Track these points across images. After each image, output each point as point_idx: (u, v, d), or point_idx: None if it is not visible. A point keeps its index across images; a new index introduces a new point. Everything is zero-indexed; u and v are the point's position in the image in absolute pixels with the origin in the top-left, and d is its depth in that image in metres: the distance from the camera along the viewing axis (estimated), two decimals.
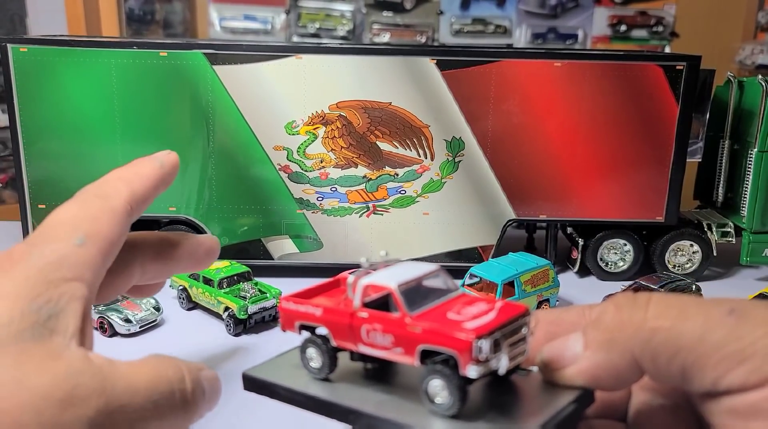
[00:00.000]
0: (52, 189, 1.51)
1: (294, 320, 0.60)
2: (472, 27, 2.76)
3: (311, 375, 0.57)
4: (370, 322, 0.54)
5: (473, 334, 0.48)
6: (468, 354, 0.48)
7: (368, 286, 0.56)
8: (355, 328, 0.55)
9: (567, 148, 1.53)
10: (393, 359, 0.53)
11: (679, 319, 0.46)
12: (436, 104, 1.49)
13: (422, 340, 0.51)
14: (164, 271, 0.68)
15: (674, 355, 0.45)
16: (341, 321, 0.56)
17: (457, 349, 0.48)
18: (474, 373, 0.47)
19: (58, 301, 0.48)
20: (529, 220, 1.61)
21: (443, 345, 0.49)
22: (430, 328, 0.51)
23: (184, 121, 1.49)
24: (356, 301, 0.55)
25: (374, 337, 0.54)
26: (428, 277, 0.56)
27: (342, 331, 0.56)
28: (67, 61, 1.45)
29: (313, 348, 0.57)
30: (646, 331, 0.46)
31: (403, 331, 0.52)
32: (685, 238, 1.59)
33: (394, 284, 0.54)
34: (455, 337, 0.49)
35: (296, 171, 1.52)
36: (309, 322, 0.59)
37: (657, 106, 1.51)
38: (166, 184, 0.66)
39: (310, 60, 1.47)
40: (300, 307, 0.60)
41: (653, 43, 2.60)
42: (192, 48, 1.46)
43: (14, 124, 1.48)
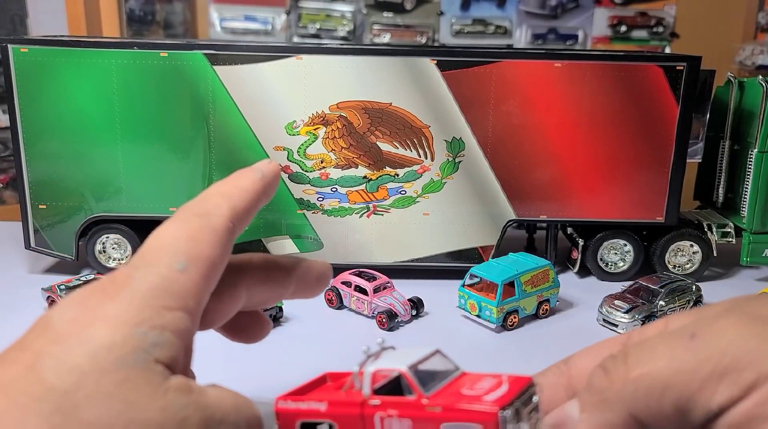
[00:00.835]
0: (53, 189, 1.52)
1: (294, 420, 0.57)
2: (472, 27, 2.76)
3: None
4: (384, 409, 0.52)
5: (496, 405, 0.48)
6: (494, 426, 0.48)
7: (377, 372, 0.54)
8: (367, 417, 0.53)
9: (567, 148, 1.53)
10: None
11: (652, 361, 0.47)
12: (437, 105, 1.49)
13: (444, 418, 0.50)
14: (272, 297, 0.64)
15: (662, 396, 0.46)
16: (351, 412, 0.54)
17: (482, 422, 0.48)
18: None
19: (162, 330, 0.47)
20: (530, 221, 1.61)
21: (467, 420, 0.49)
22: (451, 405, 0.50)
23: (184, 122, 1.49)
24: (365, 389, 0.54)
25: (390, 425, 0.52)
26: (430, 358, 0.56)
27: (352, 423, 0.54)
28: (67, 62, 1.45)
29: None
30: (630, 382, 0.48)
31: (422, 412, 0.51)
32: (685, 239, 1.59)
33: (404, 366, 0.53)
34: (479, 410, 0.48)
35: (297, 171, 1.52)
36: (313, 420, 0.56)
37: (657, 107, 1.51)
38: (268, 196, 0.62)
39: (311, 60, 1.47)
40: (301, 405, 0.57)
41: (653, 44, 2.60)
42: (192, 48, 1.46)
43: (15, 125, 1.48)
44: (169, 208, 1.53)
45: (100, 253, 1.56)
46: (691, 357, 0.46)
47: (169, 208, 1.53)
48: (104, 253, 1.57)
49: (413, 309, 1.33)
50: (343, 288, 1.37)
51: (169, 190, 1.52)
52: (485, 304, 1.27)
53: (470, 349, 1.21)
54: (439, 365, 0.56)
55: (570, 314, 1.40)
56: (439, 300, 1.38)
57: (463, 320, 1.33)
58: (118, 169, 1.51)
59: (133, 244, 1.55)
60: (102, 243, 1.56)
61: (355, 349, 1.20)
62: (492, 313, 1.26)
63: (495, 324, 1.27)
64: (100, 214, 1.53)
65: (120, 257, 1.57)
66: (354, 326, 1.31)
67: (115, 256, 1.57)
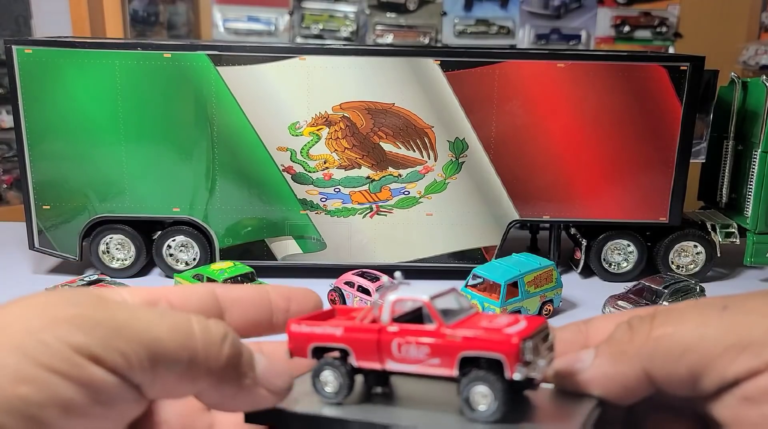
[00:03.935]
0: (57, 190, 1.52)
1: (307, 343, 0.57)
2: (475, 28, 2.76)
3: (324, 401, 0.54)
4: (403, 335, 0.53)
5: (518, 337, 0.48)
6: (516, 356, 0.48)
7: (397, 300, 0.55)
8: (384, 343, 0.53)
9: (570, 148, 1.53)
10: (426, 372, 0.52)
11: (679, 323, 0.48)
12: (440, 105, 1.49)
13: (464, 347, 0.50)
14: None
15: (680, 357, 0.47)
16: (368, 338, 0.54)
17: (504, 351, 0.48)
18: (519, 375, 0.48)
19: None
20: (533, 221, 1.61)
21: (488, 349, 0.49)
22: (473, 334, 0.50)
23: (187, 123, 1.49)
24: (385, 316, 0.54)
25: (407, 351, 0.52)
26: (448, 294, 0.56)
27: (367, 348, 0.54)
28: (71, 63, 1.45)
29: (329, 371, 0.55)
30: (652, 340, 0.48)
31: (442, 340, 0.51)
32: (688, 239, 1.59)
33: (426, 297, 0.53)
34: (501, 339, 0.49)
35: (300, 172, 1.52)
36: (327, 344, 0.56)
37: (660, 107, 1.51)
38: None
39: (314, 61, 1.47)
40: (315, 329, 0.57)
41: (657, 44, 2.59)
42: (196, 49, 1.47)
43: (19, 126, 1.48)
44: (173, 208, 1.53)
45: (104, 254, 1.57)
46: (719, 324, 0.47)
47: (173, 208, 1.53)
48: (108, 253, 1.57)
49: None
50: (346, 288, 1.37)
51: (172, 190, 1.52)
52: (488, 305, 1.27)
53: None
54: (455, 302, 0.56)
55: (573, 315, 1.40)
56: None
57: None
58: (121, 169, 1.51)
59: (136, 245, 1.56)
60: (105, 243, 1.56)
61: None
62: (495, 313, 1.26)
63: None
64: (103, 215, 1.53)
65: (123, 257, 1.57)
66: None
67: (119, 256, 1.57)
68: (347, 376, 0.54)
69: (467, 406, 0.50)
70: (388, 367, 0.53)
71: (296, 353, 0.58)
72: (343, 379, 0.54)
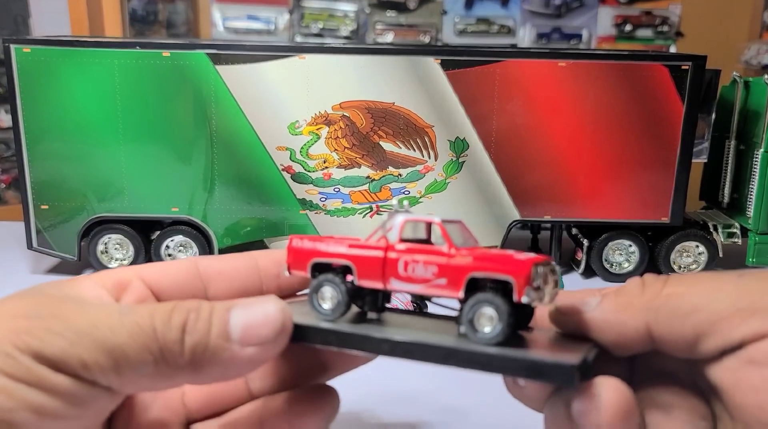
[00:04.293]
0: (55, 190, 1.51)
1: (308, 259, 0.56)
2: (475, 27, 2.75)
3: (321, 317, 0.54)
4: (411, 254, 0.52)
5: (530, 261, 0.49)
6: (526, 279, 0.48)
7: (407, 220, 0.54)
8: (390, 262, 0.53)
9: (571, 148, 1.52)
10: (430, 293, 0.52)
11: (692, 284, 0.48)
12: (440, 104, 1.49)
13: (473, 268, 0.50)
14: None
15: (687, 316, 0.47)
16: (373, 255, 0.53)
17: (514, 273, 0.48)
18: (528, 299, 0.48)
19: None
20: (534, 221, 1.60)
21: (499, 271, 0.49)
22: (483, 255, 0.50)
23: (186, 122, 1.49)
24: (394, 235, 0.54)
25: (413, 270, 0.52)
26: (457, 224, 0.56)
27: (372, 267, 0.53)
28: (70, 62, 1.45)
29: (329, 287, 0.54)
30: (662, 297, 0.49)
31: (451, 260, 0.51)
32: (690, 239, 1.58)
33: (438, 218, 0.54)
34: (514, 262, 0.49)
35: (299, 171, 1.52)
36: (330, 259, 0.55)
37: (662, 106, 1.50)
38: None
39: (314, 60, 1.46)
40: (319, 245, 0.56)
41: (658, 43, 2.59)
42: (195, 48, 1.46)
43: (17, 125, 1.48)
44: (171, 208, 1.52)
45: (103, 254, 1.56)
46: (732, 289, 0.47)
47: (171, 208, 1.52)
48: (106, 253, 1.56)
49: (416, 310, 1.31)
50: None
51: (171, 190, 1.51)
52: None
53: None
54: (462, 233, 0.56)
55: None
56: (443, 302, 1.36)
57: None
58: (120, 169, 1.50)
59: (135, 245, 1.55)
60: (104, 243, 1.55)
61: None
62: None
63: None
64: (102, 215, 1.52)
65: (122, 257, 1.56)
66: None
67: (117, 256, 1.56)
68: (346, 294, 0.54)
69: (471, 327, 0.49)
70: (391, 287, 0.53)
71: (294, 268, 0.57)
72: (342, 297, 0.53)
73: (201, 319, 0.49)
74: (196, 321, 0.48)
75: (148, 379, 0.48)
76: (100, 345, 0.46)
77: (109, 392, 0.48)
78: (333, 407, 0.61)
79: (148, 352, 0.47)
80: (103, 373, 0.46)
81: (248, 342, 0.49)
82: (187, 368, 0.48)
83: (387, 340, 0.49)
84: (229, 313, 0.50)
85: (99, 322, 0.47)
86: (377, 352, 0.50)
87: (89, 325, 0.46)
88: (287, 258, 0.57)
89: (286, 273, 0.58)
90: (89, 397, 0.46)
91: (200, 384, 0.50)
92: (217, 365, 0.49)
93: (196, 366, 0.48)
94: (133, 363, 0.47)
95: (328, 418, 0.61)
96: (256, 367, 0.51)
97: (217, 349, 0.48)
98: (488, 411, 0.95)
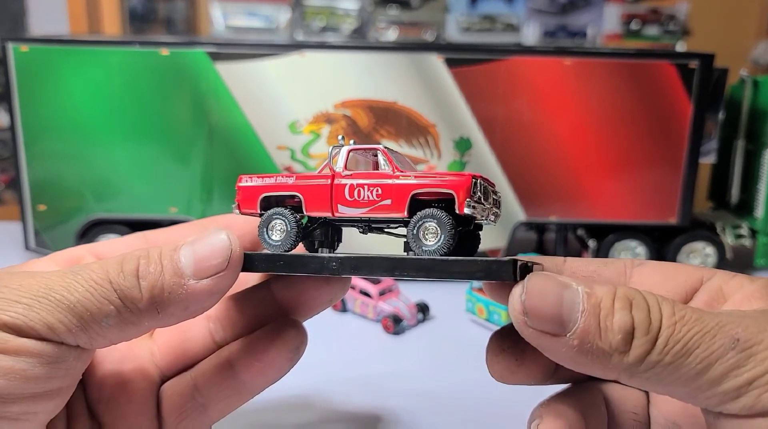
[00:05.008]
0: (53, 190, 1.49)
1: (258, 195, 0.58)
2: (480, 24, 2.73)
3: (271, 249, 0.56)
4: (357, 178, 0.55)
5: (469, 175, 0.52)
6: (466, 191, 0.51)
7: (352, 149, 0.57)
8: (337, 188, 0.55)
9: (577, 147, 1.50)
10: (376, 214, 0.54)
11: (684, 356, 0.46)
12: (443, 102, 1.46)
13: (415, 186, 0.53)
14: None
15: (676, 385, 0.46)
16: (321, 184, 0.56)
17: (455, 187, 0.51)
18: (468, 210, 0.51)
19: None
20: (539, 222, 1.57)
21: (440, 186, 0.52)
22: (424, 174, 0.53)
23: (185, 121, 1.47)
24: (339, 165, 0.56)
25: (359, 194, 0.55)
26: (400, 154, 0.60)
27: (319, 196, 0.56)
28: (68, 61, 1.43)
29: (279, 219, 0.56)
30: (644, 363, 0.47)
31: (394, 181, 0.54)
32: (698, 240, 1.56)
33: (381, 146, 0.57)
34: (454, 177, 0.52)
35: (300, 171, 1.49)
36: (278, 193, 0.57)
37: (669, 105, 1.48)
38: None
39: (315, 57, 1.44)
40: (266, 181, 0.58)
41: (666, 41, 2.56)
42: (193, 45, 1.44)
43: (14, 125, 1.46)
44: (169, 208, 1.50)
45: None
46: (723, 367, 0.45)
47: (169, 208, 1.50)
48: None
49: (419, 313, 1.29)
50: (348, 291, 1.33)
51: (169, 190, 1.49)
52: (494, 308, 1.24)
53: (478, 353, 1.18)
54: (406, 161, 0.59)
55: None
56: (446, 304, 1.34)
57: (471, 324, 1.30)
58: (118, 169, 1.48)
59: None
60: None
61: (359, 354, 1.17)
62: (501, 317, 1.23)
63: None
64: (100, 215, 1.51)
65: None
66: (358, 330, 1.28)
67: None
68: (295, 224, 0.56)
69: (416, 241, 0.52)
70: (339, 213, 0.56)
71: (244, 206, 0.59)
72: (291, 227, 0.56)
73: (152, 262, 0.50)
74: (148, 265, 0.50)
75: (115, 329, 0.49)
76: (58, 305, 0.46)
77: (78, 349, 0.49)
78: (299, 338, 0.63)
79: (108, 303, 0.48)
80: (69, 332, 0.47)
81: (202, 274, 0.50)
82: (150, 311, 0.50)
83: (335, 258, 0.51)
84: (178, 252, 0.51)
85: (53, 283, 0.48)
86: (326, 271, 0.51)
87: (44, 288, 0.47)
88: (236, 197, 0.60)
89: (236, 212, 0.60)
90: (59, 357, 0.47)
91: (167, 325, 0.53)
92: (178, 303, 0.50)
93: (157, 307, 0.50)
94: (96, 316, 0.48)
95: (296, 349, 0.63)
96: (216, 298, 0.52)
97: (174, 287, 0.50)
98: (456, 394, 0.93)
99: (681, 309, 0.47)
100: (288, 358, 0.63)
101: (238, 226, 0.64)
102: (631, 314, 0.46)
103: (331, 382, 1.02)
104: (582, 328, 0.46)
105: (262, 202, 0.57)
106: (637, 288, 0.49)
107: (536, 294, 0.46)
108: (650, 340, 0.45)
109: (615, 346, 0.45)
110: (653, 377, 0.46)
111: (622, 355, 0.45)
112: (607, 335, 0.45)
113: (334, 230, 0.59)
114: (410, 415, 0.94)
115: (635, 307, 0.46)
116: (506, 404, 0.94)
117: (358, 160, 0.59)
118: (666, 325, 0.46)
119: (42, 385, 0.47)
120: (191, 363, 0.64)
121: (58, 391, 0.49)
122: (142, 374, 0.62)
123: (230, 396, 0.62)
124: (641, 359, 0.45)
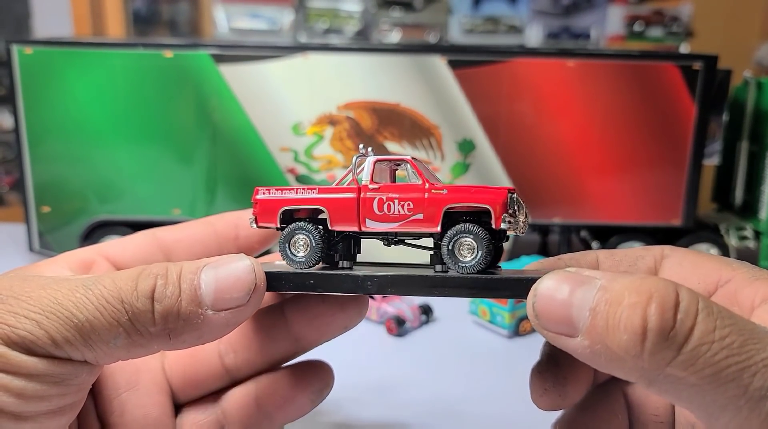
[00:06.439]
0: (57, 192, 1.50)
1: (277, 208, 0.55)
2: (483, 26, 2.73)
3: (295, 266, 0.53)
4: (386, 192, 0.52)
5: (505, 189, 0.50)
6: (503, 206, 0.49)
7: (378, 159, 0.54)
8: (365, 202, 0.52)
9: (581, 149, 1.50)
10: (407, 229, 0.52)
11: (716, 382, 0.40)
12: (447, 104, 1.46)
13: (450, 200, 0.51)
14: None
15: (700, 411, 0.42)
16: (347, 197, 0.53)
17: (491, 201, 0.50)
18: (505, 225, 0.49)
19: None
20: (543, 224, 1.57)
21: (477, 201, 0.50)
22: (458, 188, 0.51)
23: (188, 123, 1.47)
24: (366, 176, 0.53)
25: (389, 208, 0.52)
26: (425, 162, 0.59)
27: (346, 209, 0.53)
28: (72, 63, 1.43)
29: (302, 234, 0.53)
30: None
31: (427, 194, 0.51)
32: (702, 242, 1.55)
33: (408, 156, 0.54)
34: (490, 191, 0.50)
35: (303, 173, 1.49)
36: (300, 206, 0.54)
37: (673, 107, 1.47)
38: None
39: (318, 59, 1.44)
40: (287, 194, 0.55)
41: (669, 42, 2.55)
42: (197, 47, 1.44)
43: (19, 127, 1.46)
44: (173, 210, 1.51)
45: None
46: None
47: (173, 210, 1.51)
48: None
49: (422, 315, 1.29)
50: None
51: (172, 192, 1.50)
52: (497, 310, 1.24)
53: (482, 355, 1.18)
54: (431, 171, 0.56)
55: None
56: (449, 305, 1.34)
57: (475, 326, 1.29)
58: (122, 170, 1.48)
59: None
60: None
61: (362, 357, 1.17)
62: (504, 318, 1.23)
63: (507, 330, 1.23)
64: (104, 217, 1.51)
65: None
66: (361, 332, 1.27)
67: None
68: (320, 240, 0.52)
69: (452, 258, 0.50)
70: (367, 228, 0.52)
71: (262, 220, 0.56)
72: (316, 243, 0.52)
73: (170, 284, 0.47)
74: (165, 286, 0.47)
75: (123, 349, 0.47)
76: (66, 322, 0.45)
77: (87, 365, 0.47)
78: (325, 381, 0.63)
79: (118, 324, 0.46)
80: (75, 349, 0.45)
81: (222, 306, 0.47)
82: (161, 336, 0.47)
83: (370, 277, 0.48)
84: (199, 276, 0.48)
85: (62, 298, 0.46)
86: (362, 290, 0.49)
87: (53, 302, 0.45)
88: (254, 210, 0.56)
89: (253, 225, 0.57)
90: (66, 374, 0.46)
91: (176, 349, 0.50)
92: (191, 331, 0.48)
93: (170, 333, 0.47)
94: (104, 337, 0.46)
95: (321, 391, 0.63)
96: (232, 328, 0.49)
97: (190, 316, 0.47)
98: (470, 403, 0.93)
99: (725, 319, 0.40)
100: (314, 400, 0.63)
101: (246, 224, 0.62)
102: (645, 311, 0.40)
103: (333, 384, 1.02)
104: (588, 327, 0.41)
105: (282, 216, 0.55)
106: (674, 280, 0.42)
107: (545, 295, 0.44)
108: (671, 348, 0.39)
109: (624, 347, 0.40)
110: (673, 391, 0.41)
111: (636, 358, 0.40)
112: (614, 334, 0.40)
113: (355, 242, 0.56)
114: (414, 417, 0.94)
115: (655, 303, 0.40)
116: (514, 408, 0.94)
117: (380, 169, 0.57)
118: (697, 336, 0.39)
119: (55, 402, 0.46)
120: (201, 381, 0.63)
121: (71, 406, 0.48)
122: (156, 385, 0.61)
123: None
124: (659, 367, 0.40)
